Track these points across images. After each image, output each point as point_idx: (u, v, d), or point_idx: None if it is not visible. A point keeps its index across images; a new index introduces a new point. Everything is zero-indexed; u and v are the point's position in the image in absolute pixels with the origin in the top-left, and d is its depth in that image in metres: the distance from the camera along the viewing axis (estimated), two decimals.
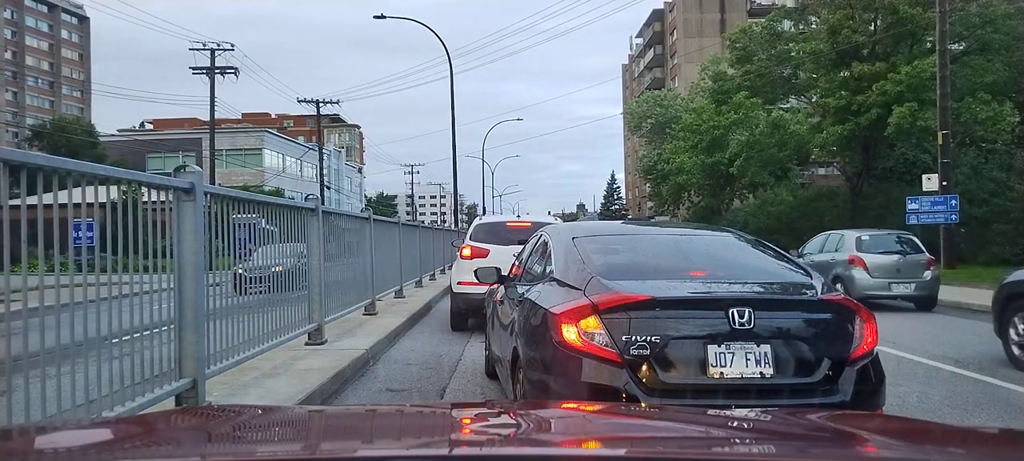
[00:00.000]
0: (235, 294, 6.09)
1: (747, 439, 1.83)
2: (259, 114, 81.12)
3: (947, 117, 20.46)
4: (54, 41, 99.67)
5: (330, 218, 9.80)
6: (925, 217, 20.20)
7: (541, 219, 11.52)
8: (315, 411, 2.91)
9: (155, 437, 1.75)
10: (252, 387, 5.87)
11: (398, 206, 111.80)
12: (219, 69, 36.60)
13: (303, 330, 7.72)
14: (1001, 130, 25.96)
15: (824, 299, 4.04)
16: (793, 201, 34.16)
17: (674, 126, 45.48)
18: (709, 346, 3.69)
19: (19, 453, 1.59)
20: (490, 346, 6.58)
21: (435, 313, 13.22)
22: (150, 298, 4.64)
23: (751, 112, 34.82)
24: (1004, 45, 27.70)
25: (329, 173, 60.62)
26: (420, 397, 6.57)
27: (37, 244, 3.96)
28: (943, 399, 6.17)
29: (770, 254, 4.86)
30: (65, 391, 3.58)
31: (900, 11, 27.45)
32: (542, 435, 1.81)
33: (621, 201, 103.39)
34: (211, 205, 5.33)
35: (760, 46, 34.80)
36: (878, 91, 27.14)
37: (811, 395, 3.72)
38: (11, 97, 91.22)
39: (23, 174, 3.43)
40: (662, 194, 45.92)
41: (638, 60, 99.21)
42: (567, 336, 3.82)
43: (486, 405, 3.16)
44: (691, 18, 78.66)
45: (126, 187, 4.31)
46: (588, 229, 5.61)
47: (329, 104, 47.31)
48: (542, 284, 4.69)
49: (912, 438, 1.85)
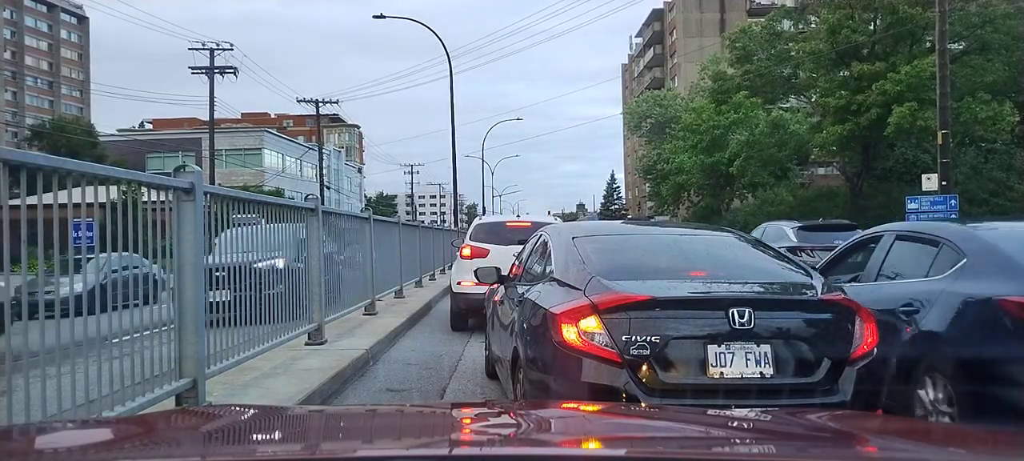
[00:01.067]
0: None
1: (747, 439, 1.83)
2: (259, 114, 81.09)
3: (947, 117, 20.44)
4: (53, 41, 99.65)
5: (330, 218, 9.80)
6: (925, 217, 20.16)
7: (541, 219, 11.51)
8: (315, 411, 2.92)
9: (155, 437, 1.75)
10: (252, 387, 5.87)
11: (398, 206, 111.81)
12: (218, 69, 36.59)
13: (303, 330, 7.72)
14: (1001, 130, 25.99)
15: (824, 299, 4.04)
16: (793, 201, 34.16)
17: (674, 126, 45.48)
18: (709, 346, 3.70)
19: (19, 453, 1.59)
20: (490, 346, 6.58)
21: (435, 313, 13.22)
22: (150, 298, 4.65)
23: (751, 112, 34.83)
24: (1004, 45, 27.72)
25: (329, 173, 60.65)
26: (420, 397, 6.57)
27: (37, 244, 3.96)
28: None
29: (770, 254, 4.86)
30: (65, 391, 3.58)
31: (900, 11, 27.48)
32: (542, 435, 1.81)
33: (621, 201, 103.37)
34: (211, 205, 5.33)
35: (760, 46, 34.81)
36: (878, 91, 27.16)
37: (811, 395, 3.72)
38: (11, 97, 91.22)
39: (23, 174, 3.43)
40: (662, 194, 45.93)
41: (638, 60, 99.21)
42: (567, 336, 3.82)
43: (486, 405, 3.16)
44: (691, 18, 78.65)
45: (126, 187, 4.31)
46: (588, 229, 5.62)
47: (329, 104, 47.34)
48: (542, 284, 4.69)
49: (912, 438, 1.85)
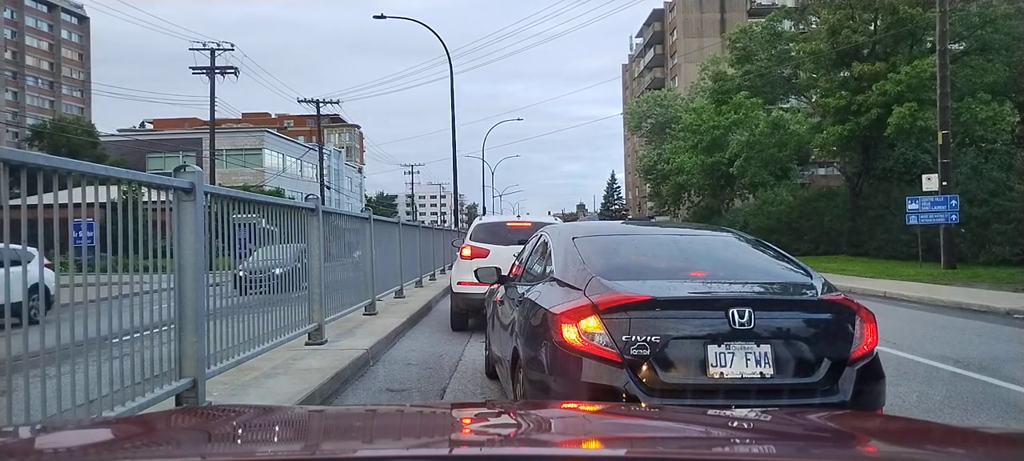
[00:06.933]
0: (236, 294, 6.10)
1: (747, 439, 1.83)
2: (259, 114, 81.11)
3: (947, 117, 20.46)
4: (54, 41, 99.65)
5: (330, 218, 9.80)
6: (925, 217, 20.19)
7: (541, 219, 11.51)
8: (315, 411, 2.91)
9: (155, 437, 1.75)
10: (252, 387, 5.87)
11: (398, 206, 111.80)
12: (219, 69, 36.62)
13: (303, 330, 7.72)
14: (1001, 130, 25.98)
15: (824, 299, 4.03)
16: (793, 201, 34.17)
17: (674, 126, 45.52)
18: (709, 346, 3.69)
19: (19, 453, 1.59)
20: (490, 346, 6.58)
21: (435, 313, 13.22)
22: (150, 298, 4.64)
23: (751, 112, 34.85)
24: (1004, 45, 27.71)
25: (329, 173, 60.63)
26: (420, 397, 6.57)
27: (37, 244, 3.96)
28: (943, 399, 6.16)
29: (770, 254, 4.85)
30: (65, 391, 3.58)
31: (900, 11, 27.47)
32: (542, 435, 1.81)
33: (621, 201, 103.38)
34: (211, 205, 5.33)
35: (760, 46, 34.82)
36: (878, 91, 27.16)
37: (811, 395, 3.72)
38: (11, 97, 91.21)
39: (23, 174, 3.43)
40: (662, 194, 45.97)
41: (638, 60, 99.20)
42: (567, 336, 3.82)
43: (486, 405, 3.16)
44: (691, 18, 78.67)
45: (126, 187, 4.31)
46: (588, 229, 5.61)
47: (329, 104, 47.35)
48: (542, 284, 4.69)
49: (912, 438, 1.85)
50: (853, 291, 12.54)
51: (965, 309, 13.08)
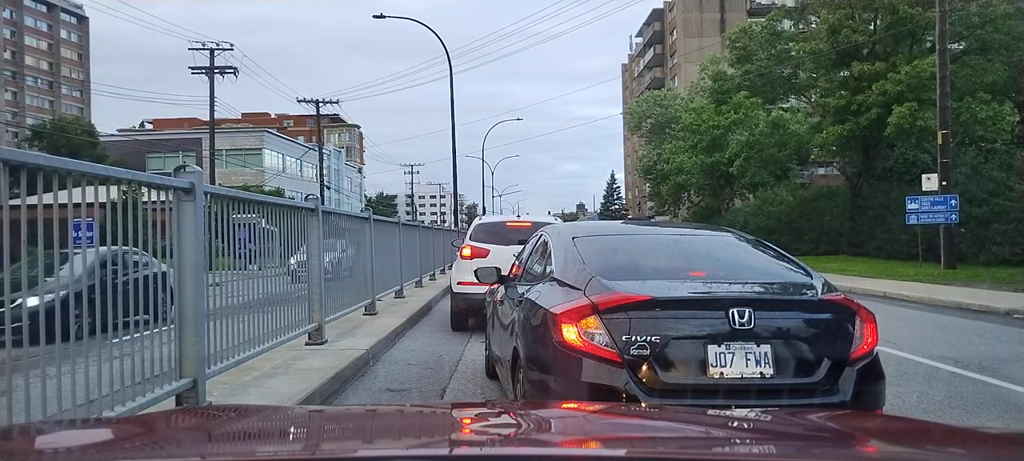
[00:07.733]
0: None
1: (747, 439, 1.83)
2: (259, 114, 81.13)
3: (947, 117, 20.45)
4: (53, 41, 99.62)
5: (330, 218, 9.80)
6: (925, 217, 20.20)
7: (541, 219, 11.51)
8: (315, 411, 2.91)
9: (155, 437, 1.75)
10: (252, 387, 5.87)
11: (398, 206, 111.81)
12: (218, 69, 36.62)
13: (303, 330, 7.72)
14: (1001, 130, 25.98)
15: (824, 299, 4.03)
16: (793, 201, 34.18)
17: (674, 126, 45.53)
18: (709, 346, 3.69)
19: (19, 453, 1.59)
20: (490, 346, 6.58)
21: (435, 313, 13.22)
22: (148, 295, 4.63)
23: (751, 112, 34.86)
24: (1004, 45, 27.71)
25: (329, 173, 60.65)
26: (420, 397, 6.57)
27: (37, 244, 3.96)
28: (943, 399, 6.16)
29: (770, 254, 4.85)
30: (65, 391, 3.58)
31: (900, 11, 27.47)
32: (542, 435, 1.81)
33: (621, 201, 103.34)
34: (211, 205, 5.33)
35: (760, 46, 34.82)
36: (878, 91, 27.17)
37: (811, 395, 3.72)
38: (11, 97, 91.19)
39: (23, 174, 3.43)
40: (662, 194, 45.96)
41: (638, 60, 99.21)
42: (567, 336, 3.82)
43: (486, 405, 3.16)
44: (691, 18, 78.68)
45: (126, 187, 4.31)
46: (588, 229, 5.61)
47: (329, 104, 47.40)
48: (542, 284, 4.69)
49: (912, 438, 1.85)
50: (853, 291, 12.54)
51: (965, 309, 13.08)
